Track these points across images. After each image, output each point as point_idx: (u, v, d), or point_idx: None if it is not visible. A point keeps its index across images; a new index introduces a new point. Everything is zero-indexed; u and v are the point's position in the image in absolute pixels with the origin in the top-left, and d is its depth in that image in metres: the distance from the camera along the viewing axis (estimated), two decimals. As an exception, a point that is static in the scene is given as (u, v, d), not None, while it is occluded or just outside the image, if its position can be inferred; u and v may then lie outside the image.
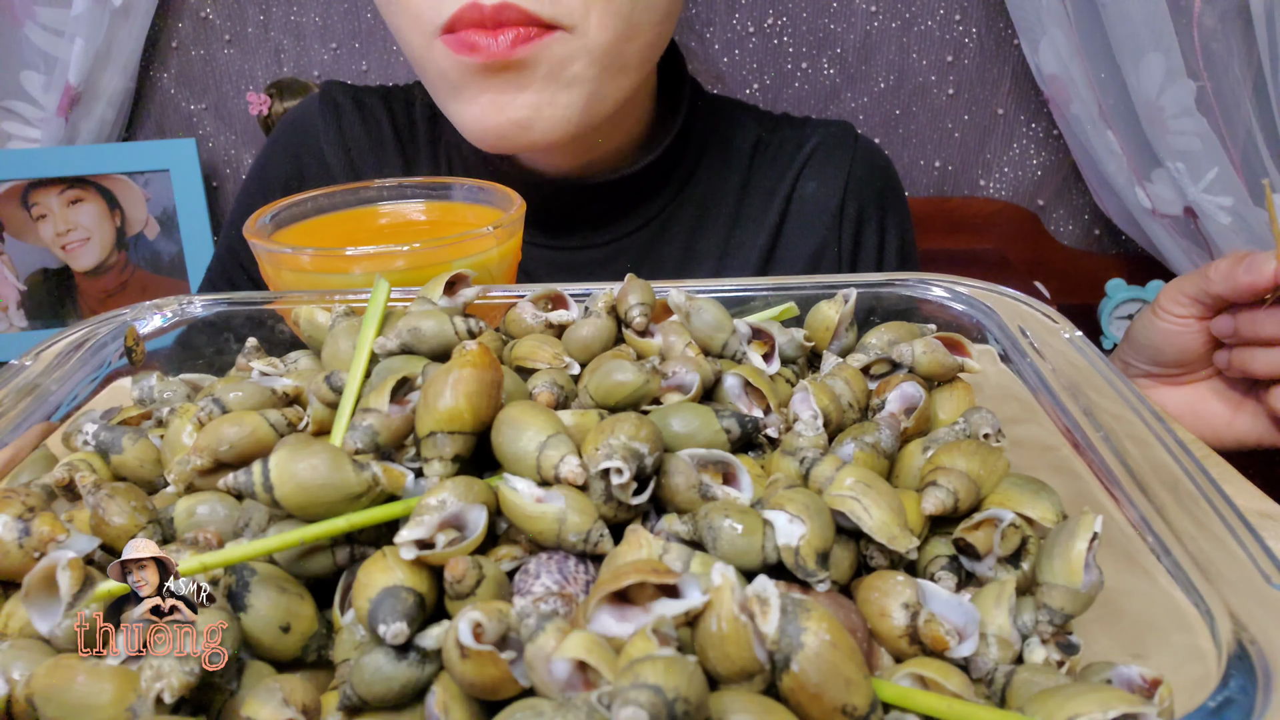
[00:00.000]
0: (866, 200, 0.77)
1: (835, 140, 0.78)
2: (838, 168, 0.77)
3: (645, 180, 0.73)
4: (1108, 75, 1.41)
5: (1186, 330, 0.64)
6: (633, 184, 0.72)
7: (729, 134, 0.78)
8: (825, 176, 0.77)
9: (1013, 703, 0.26)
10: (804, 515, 0.28)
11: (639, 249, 0.75)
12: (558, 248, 0.74)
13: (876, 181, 0.78)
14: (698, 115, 0.76)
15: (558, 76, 0.58)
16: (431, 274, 0.43)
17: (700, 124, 0.76)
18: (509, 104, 0.58)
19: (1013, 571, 0.30)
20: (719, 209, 0.76)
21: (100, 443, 0.36)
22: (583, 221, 0.74)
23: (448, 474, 0.30)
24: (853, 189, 0.77)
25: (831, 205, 0.76)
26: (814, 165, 0.77)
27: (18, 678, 0.26)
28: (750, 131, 0.79)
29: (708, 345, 0.40)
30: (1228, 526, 0.28)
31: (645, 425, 0.30)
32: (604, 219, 0.74)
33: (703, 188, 0.76)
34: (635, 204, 0.74)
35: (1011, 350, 0.41)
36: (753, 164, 0.78)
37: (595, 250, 0.74)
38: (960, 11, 1.56)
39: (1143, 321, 0.66)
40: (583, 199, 0.73)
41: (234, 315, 0.46)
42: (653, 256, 0.75)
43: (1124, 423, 0.34)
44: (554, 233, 0.74)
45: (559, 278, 0.74)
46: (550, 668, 0.23)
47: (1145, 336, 0.66)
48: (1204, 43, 1.36)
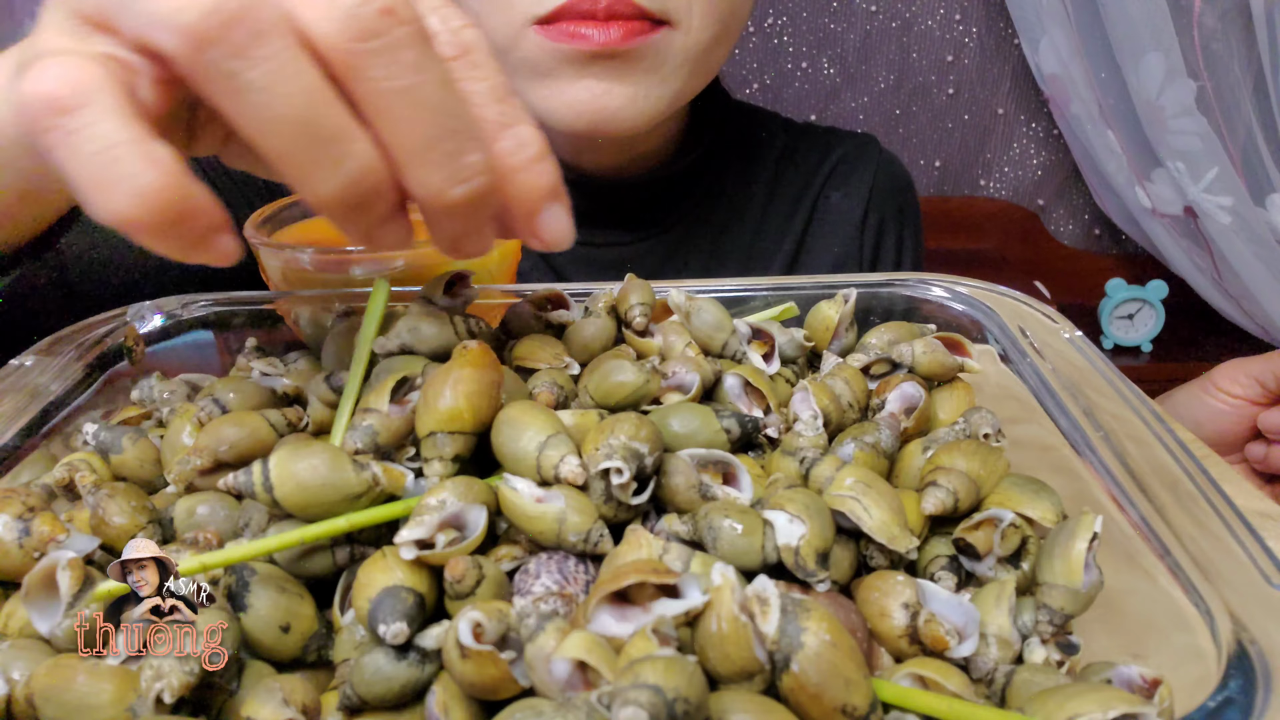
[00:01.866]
0: (888, 212, 0.79)
1: (860, 152, 0.81)
2: (862, 179, 0.79)
3: (677, 181, 0.74)
4: (1108, 75, 1.41)
5: (1235, 412, 0.61)
6: (665, 185, 0.74)
7: (757, 140, 0.80)
8: (850, 187, 0.79)
9: (1013, 703, 0.26)
10: (804, 515, 0.28)
11: (666, 250, 0.76)
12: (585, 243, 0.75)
13: (898, 195, 0.80)
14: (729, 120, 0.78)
15: (657, 70, 0.60)
16: (431, 274, 0.43)
17: (730, 129, 0.78)
18: (606, 93, 0.59)
19: (1013, 571, 0.30)
20: (745, 214, 0.78)
21: (100, 443, 0.36)
22: (613, 220, 0.75)
23: (448, 474, 0.30)
24: (875, 201, 0.79)
25: (855, 216, 0.78)
26: (839, 176, 0.79)
27: (18, 678, 0.26)
28: (778, 139, 0.81)
29: (708, 345, 0.40)
30: (1228, 526, 0.28)
31: (645, 425, 0.30)
32: (634, 218, 0.75)
33: (730, 192, 0.77)
34: (666, 205, 0.75)
35: (1011, 350, 0.41)
36: (779, 171, 0.79)
37: (623, 249, 0.75)
38: (960, 11, 1.56)
39: (1189, 393, 0.64)
40: (615, 197, 0.74)
41: (234, 315, 0.46)
42: (678, 258, 0.76)
43: (1124, 423, 0.34)
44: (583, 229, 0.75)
45: (584, 274, 0.75)
46: (550, 668, 0.23)
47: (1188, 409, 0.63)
48: (1204, 43, 1.36)
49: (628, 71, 0.59)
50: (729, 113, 0.78)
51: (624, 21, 0.56)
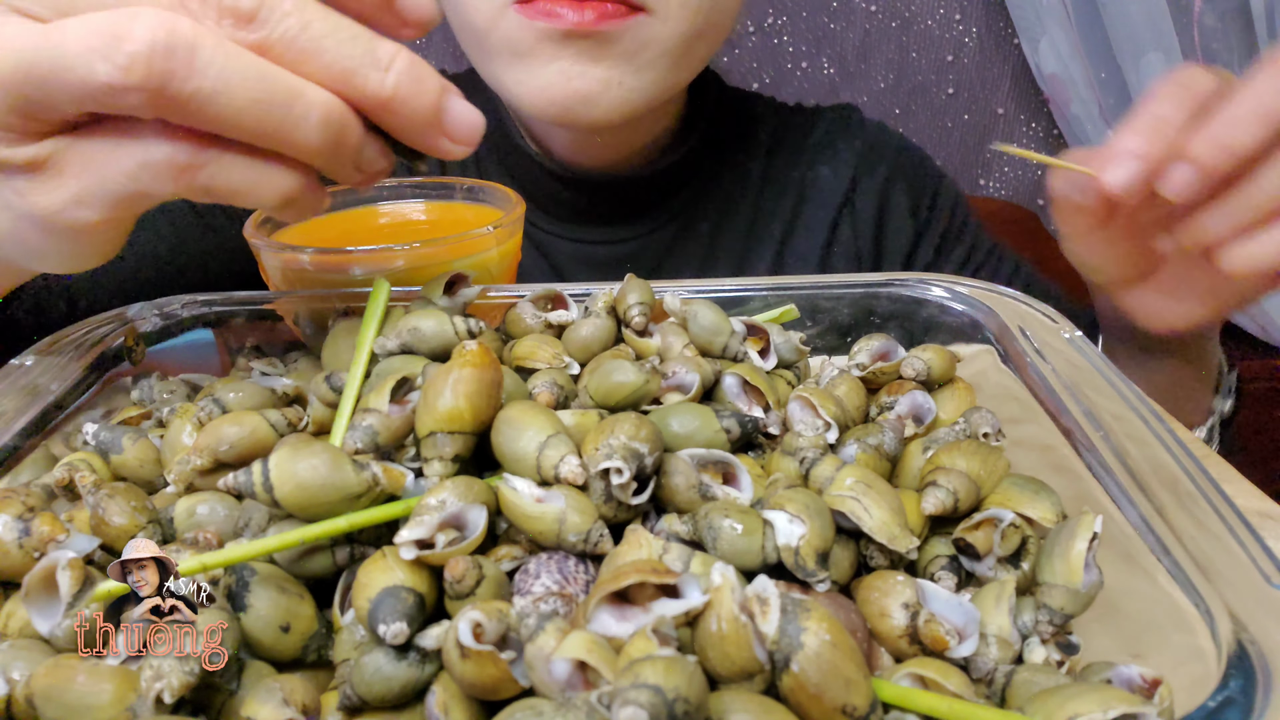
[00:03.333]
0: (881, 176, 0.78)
1: (841, 123, 0.81)
2: (846, 148, 0.79)
3: (672, 176, 0.74)
4: (1108, 75, 1.41)
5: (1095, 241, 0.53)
6: (660, 179, 0.74)
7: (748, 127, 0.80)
8: (836, 159, 0.79)
9: (1013, 703, 0.26)
10: (804, 515, 0.28)
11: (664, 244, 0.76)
12: (583, 241, 0.75)
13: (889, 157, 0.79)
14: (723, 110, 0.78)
15: (633, 58, 0.59)
16: (431, 274, 0.43)
17: (724, 119, 0.78)
18: (579, 75, 0.59)
19: (1013, 571, 0.30)
20: (741, 202, 0.78)
21: (100, 443, 0.36)
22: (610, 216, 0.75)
23: (448, 474, 0.30)
24: (863, 167, 0.78)
25: (843, 186, 0.78)
26: (824, 150, 0.79)
27: (18, 678, 0.26)
28: (768, 123, 0.81)
29: (707, 349, 0.40)
30: (1228, 526, 0.28)
31: (645, 425, 0.30)
32: (631, 214, 0.75)
33: (725, 182, 0.77)
34: (661, 199, 0.75)
35: (1011, 350, 0.41)
36: (770, 157, 0.79)
37: (622, 245, 0.75)
38: (960, 11, 1.56)
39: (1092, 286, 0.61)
40: (612, 193, 0.74)
41: (234, 315, 0.46)
42: (677, 250, 0.76)
43: (1124, 423, 0.34)
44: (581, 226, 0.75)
45: (583, 272, 0.75)
46: (550, 668, 0.23)
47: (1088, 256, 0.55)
48: (1204, 42, 1.36)
49: (602, 55, 0.59)
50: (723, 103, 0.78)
51: (600, 3, 0.56)
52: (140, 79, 0.27)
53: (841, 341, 0.46)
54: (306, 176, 0.33)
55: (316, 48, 0.30)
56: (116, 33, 0.27)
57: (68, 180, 0.31)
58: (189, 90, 0.28)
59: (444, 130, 0.34)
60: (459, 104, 0.34)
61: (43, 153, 0.30)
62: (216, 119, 0.29)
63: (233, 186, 0.32)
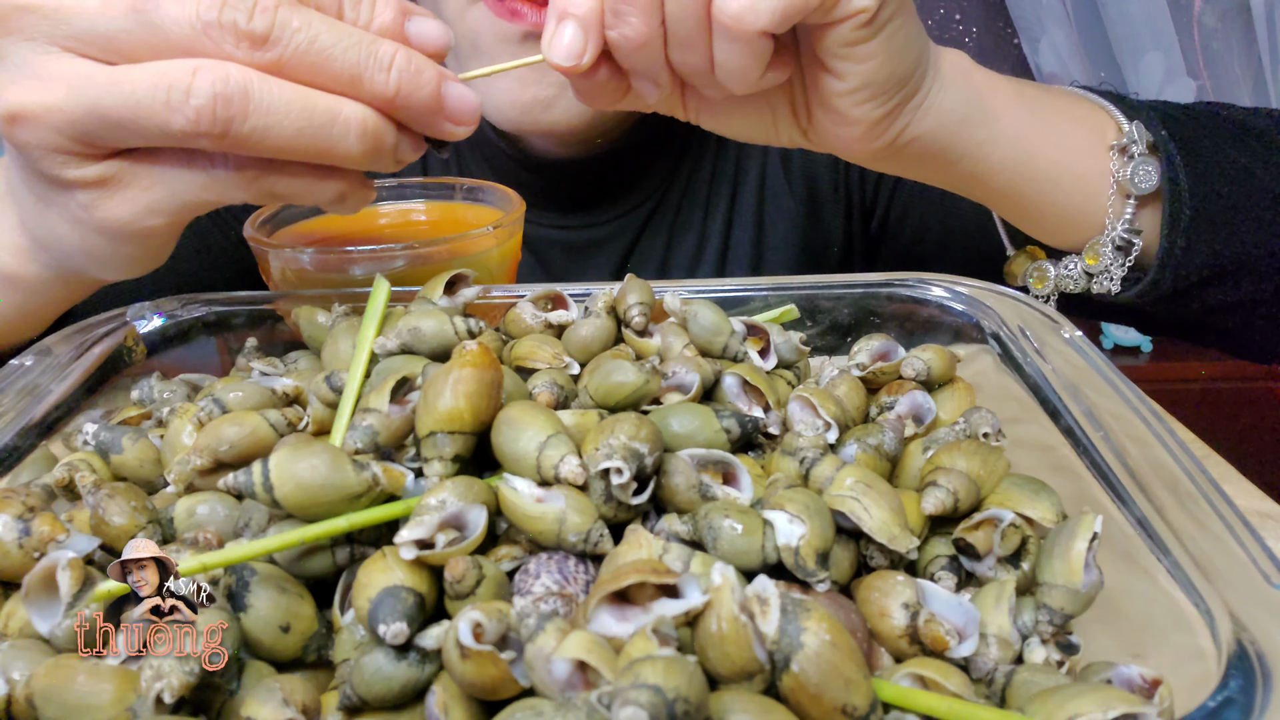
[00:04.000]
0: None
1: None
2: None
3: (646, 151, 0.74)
4: (1108, 75, 1.41)
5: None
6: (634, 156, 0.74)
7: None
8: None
9: (1013, 703, 0.26)
10: (804, 515, 0.28)
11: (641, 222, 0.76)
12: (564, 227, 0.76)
13: None
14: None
15: None
16: (431, 274, 0.43)
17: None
18: (537, 80, 0.59)
19: (1013, 571, 0.30)
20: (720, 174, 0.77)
21: (100, 443, 0.36)
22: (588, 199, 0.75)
23: (448, 474, 0.30)
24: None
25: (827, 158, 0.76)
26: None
27: (18, 678, 0.26)
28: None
29: (707, 349, 0.40)
30: (1228, 526, 0.28)
31: (645, 425, 0.30)
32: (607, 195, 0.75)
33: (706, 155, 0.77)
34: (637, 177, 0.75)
35: (1011, 350, 0.41)
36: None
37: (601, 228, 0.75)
38: (960, 11, 1.56)
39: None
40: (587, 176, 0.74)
41: (234, 315, 0.46)
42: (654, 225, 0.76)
43: (1124, 423, 0.34)
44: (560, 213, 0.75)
45: (565, 257, 0.75)
46: (550, 668, 0.23)
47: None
48: (1204, 42, 1.36)
49: None
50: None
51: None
52: (208, 128, 0.32)
53: (841, 341, 0.46)
54: (355, 176, 0.38)
55: (326, 58, 0.33)
56: (181, 86, 0.32)
57: (137, 192, 0.35)
58: (246, 130, 0.33)
59: (446, 115, 0.36)
60: (455, 88, 0.36)
61: (108, 171, 0.35)
62: (273, 148, 0.34)
63: (294, 191, 0.37)
